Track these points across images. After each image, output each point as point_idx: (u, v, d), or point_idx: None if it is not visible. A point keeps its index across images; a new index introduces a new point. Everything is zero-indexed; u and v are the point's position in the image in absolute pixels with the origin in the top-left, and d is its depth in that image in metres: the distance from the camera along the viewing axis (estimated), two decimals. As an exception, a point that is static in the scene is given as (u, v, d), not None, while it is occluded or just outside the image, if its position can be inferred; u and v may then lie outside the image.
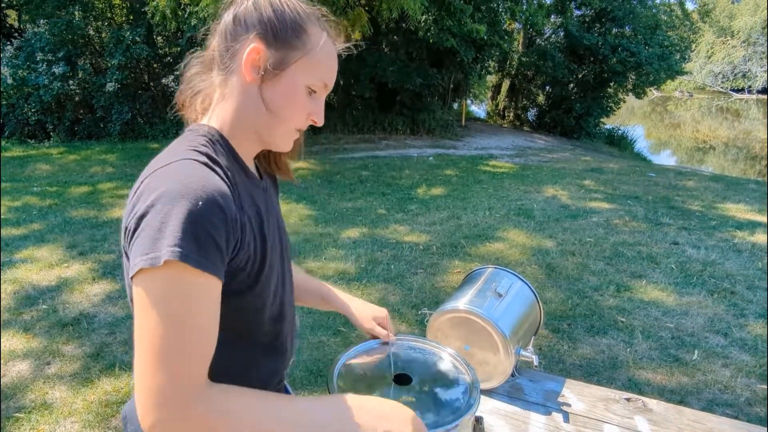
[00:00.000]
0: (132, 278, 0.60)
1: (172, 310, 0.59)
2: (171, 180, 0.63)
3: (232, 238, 0.65)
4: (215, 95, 0.77)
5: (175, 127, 9.65)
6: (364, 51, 9.60)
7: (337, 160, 7.69)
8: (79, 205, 5.08)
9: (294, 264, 1.04)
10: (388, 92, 10.40)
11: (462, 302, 1.23)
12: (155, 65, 10.16)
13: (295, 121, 0.76)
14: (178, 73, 10.68)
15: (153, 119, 9.68)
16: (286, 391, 0.99)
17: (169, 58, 10.16)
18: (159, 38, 10.15)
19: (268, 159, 0.90)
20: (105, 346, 2.60)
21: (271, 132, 0.76)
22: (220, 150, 0.73)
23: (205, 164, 0.67)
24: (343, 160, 7.68)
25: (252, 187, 0.78)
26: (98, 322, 2.84)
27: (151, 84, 10.11)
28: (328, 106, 11.32)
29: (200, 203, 0.60)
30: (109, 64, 8.93)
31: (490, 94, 15.87)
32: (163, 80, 10.27)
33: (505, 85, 14.37)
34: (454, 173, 6.93)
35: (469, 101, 14.96)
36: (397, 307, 3.03)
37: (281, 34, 0.71)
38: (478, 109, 17.16)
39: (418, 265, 3.67)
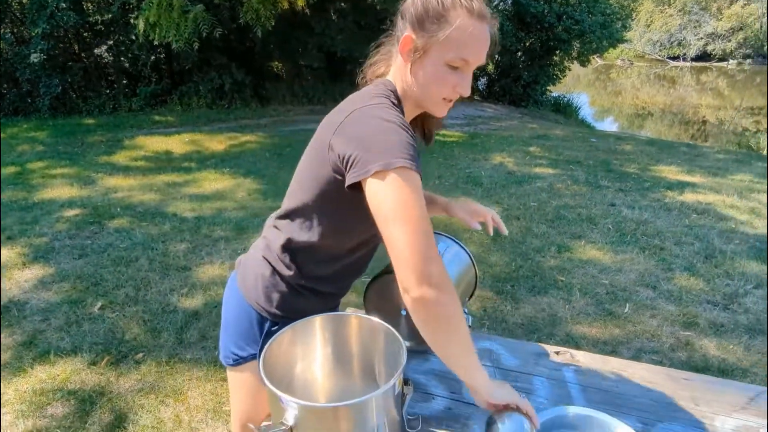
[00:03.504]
0: (368, 177, 0.81)
1: (414, 195, 0.80)
2: (380, 114, 0.86)
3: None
4: (392, 68, 0.99)
5: (112, 101, 9.08)
6: (311, 19, 9.28)
7: (287, 132, 7.51)
8: (6, 186, 4.74)
9: None
10: (337, 61, 10.16)
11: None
12: (86, 34, 9.45)
13: (442, 92, 0.92)
14: (111, 43, 9.96)
15: (87, 93, 9.06)
16: None
17: (100, 26, 9.47)
18: (89, 4, 9.41)
19: (419, 125, 1.10)
20: (38, 333, 2.48)
21: (425, 101, 0.95)
22: (397, 106, 0.94)
23: (396, 105, 0.93)
24: (293, 132, 7.51)
25: None
26: (30, 308, 2.69)
27: (83, 55, 9.41)
28: (276, 76, 10.98)
29: (402, 130, 0.84)
30: (33, 33, 8.21)
31: (440, 63, 15.79)
32: (96, 50, 9.59)
33: (456, 53, 14.32)
34: (405, 143, 6.92)
35: (420, 70, 14.86)
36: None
37: (425, 23, 0.88)
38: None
39: (369, 235, 3.68)
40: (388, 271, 1.23)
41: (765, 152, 8.26)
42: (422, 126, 1.11)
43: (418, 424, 0.99)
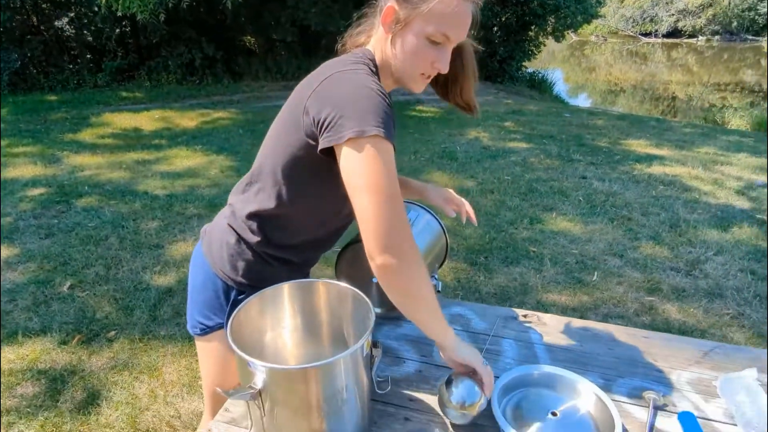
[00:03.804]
0: (342, 143, 0.80)
1: (385, 165, 0.80)
2: (358, 79, 0.84)
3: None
4: (372, 39, 0.97)
5: (76, 77, 8.71)
6: (282, -9, 9.01)
7: (261, 109, 7.36)
8: (-36, 165, 4.55)
9: None
10: (311, 35, 9.94)
11: (366, 235, 1.24)
12: (44, 5, 8.99)
13: (420, 67, 0.91)
14: (72, 14, 9.50)
15: (48, 68, 8.67)
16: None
17: (59, -4, 9.02)
18: (44, -27, 8.93)
19: (452, 92, 1.06)
20: (5, 314, 2.42)
21: (403, 75, 0.93)
22: (375, 74, 0.93)
23: (374, 74, 0.91)
24: (266, 109, 7.37)
25: None
26: (-4, 288, 2.62)
27: (42, 27, 8.97)
28: (248, 51, 10.68)
29: (379, 97, 0.83)
30: (-14, 4, 7.78)
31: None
32: (56, 23, 9.15)
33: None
34: (380, 119, 6.88)
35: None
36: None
37: None
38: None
39: (344, 210, 3.68)
40: (359, 239, 1.23)
41: (733, 127, 8.49)
42: (456, 99, 1.07)
43: (388, 386, 1.02)
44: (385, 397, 1.00)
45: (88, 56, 9.23)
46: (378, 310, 1.27)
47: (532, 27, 12.23)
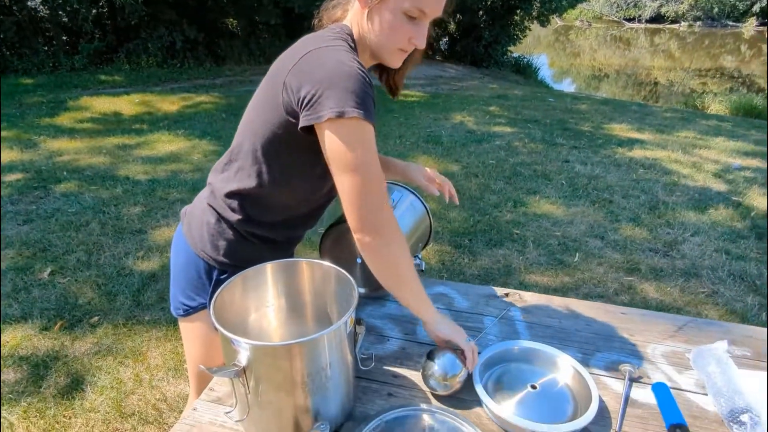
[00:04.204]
0: (322, 123, 0.81)
1: (364, 146, 0.82)
2: (338, 57, 0.83)
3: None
4: (349, 13, 0.96)
5: (52, 59, 8.45)
6: (265, -29, 8.82)
7: (244, 93, 7.25)
8: (-64, 150, 4.41)
9: None
10: (295, 18, 9.77)
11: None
12: (15, -16, 8.66)
13: (397, 42, 0.91)
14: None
15: (22, 50, 8.38)
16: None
17: (32, -25, 8.68)
18: (15, -50, 8.58)
19: (388, 71, 1.07)
20: (-16, 299, 2.38)
21: (380, 50, 0.93)
22: (354, 50, 0.92)
23: (353, 50, 0.90)
24: (249, 93, 7.19)
25: None
26: (-27, 275, 2.57)
27: (14, 8, 8.66)
28: (231, 34, 10.47)
29: (359, 75, 0.82)
30: (-47, -18, 7.46)
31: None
32: (29, 3, 8.83)
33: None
34: (365, 103, 6.83)
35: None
36: (308, 234, 3.04)
37: None
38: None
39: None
40: (343, 220, 1.24)
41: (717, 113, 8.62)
42: (389, 78, 1.09)
43: (371, 363, 1.03)
44: (369, 373, 1.02)
45: (64, 38, 8.95)
46: (362, 290, 1.28)
47: (518, 11, 12.20)
